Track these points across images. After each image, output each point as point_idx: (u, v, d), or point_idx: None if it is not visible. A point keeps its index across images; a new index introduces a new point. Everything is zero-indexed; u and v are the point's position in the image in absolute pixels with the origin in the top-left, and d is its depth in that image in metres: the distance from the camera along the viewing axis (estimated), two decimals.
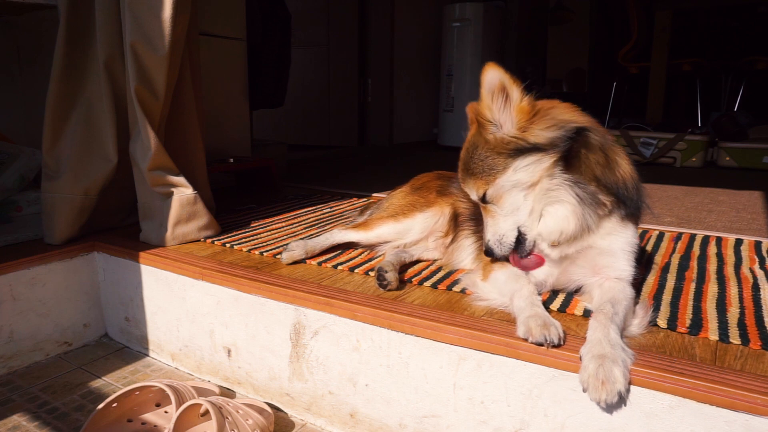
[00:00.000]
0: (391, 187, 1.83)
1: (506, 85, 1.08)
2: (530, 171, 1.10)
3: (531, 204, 1.13)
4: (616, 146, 1.17)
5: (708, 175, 3.72)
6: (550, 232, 1.13)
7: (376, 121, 5.54)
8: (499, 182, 1.13)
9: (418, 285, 1.40)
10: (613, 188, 1.12)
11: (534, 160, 1.09)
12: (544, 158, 1.09)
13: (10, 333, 1.60)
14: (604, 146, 1.13)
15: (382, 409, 1.26)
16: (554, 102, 1.17)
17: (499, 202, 1.16)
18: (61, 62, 1.74)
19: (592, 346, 0.96)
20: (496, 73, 1.07)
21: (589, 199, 1.10)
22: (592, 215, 1.11)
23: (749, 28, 6.63)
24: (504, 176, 1.12)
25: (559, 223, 1.11)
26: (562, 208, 1.11)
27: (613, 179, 1.13)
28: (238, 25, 2.76)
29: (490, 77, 1.08)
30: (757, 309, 1.20)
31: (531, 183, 1.11)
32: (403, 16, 5.47)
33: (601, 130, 1.15)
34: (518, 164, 1.10)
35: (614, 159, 1.14)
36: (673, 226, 2.08)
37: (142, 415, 1.29)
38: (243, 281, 1.44)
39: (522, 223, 1.15)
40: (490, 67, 1.07)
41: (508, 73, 1.07)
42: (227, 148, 2.80)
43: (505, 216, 1.16)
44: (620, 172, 1.14)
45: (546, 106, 1.13)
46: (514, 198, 1.14)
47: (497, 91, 1.09)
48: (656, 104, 5.20)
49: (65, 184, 1.75)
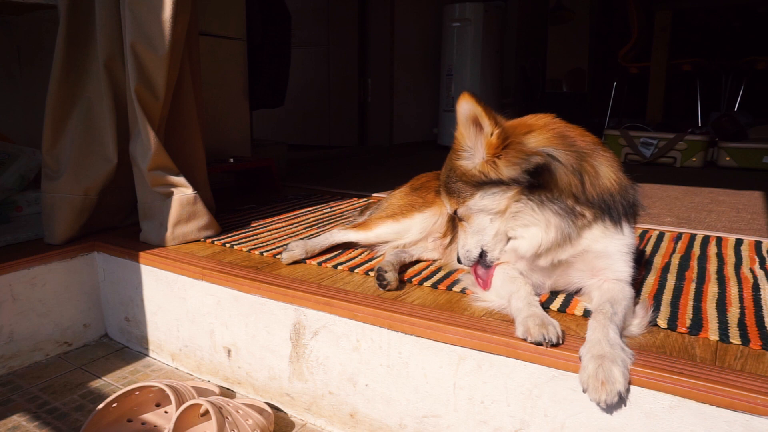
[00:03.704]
0: (391, 187, 1.83)
1: (478, 117, 1.10)
2: (495, 200, 1.14)
3: (497, 227, 1.18)
4: (599, 156, 1.16)
5: (708, 175, 3.72)
6: (525, 251, 1.16)
7: (376, 121, 5.54)
8: (468, 204, 1.18)
9: (418, 285, 1.40)
10: (596, 200, 1.13)
11: (498, 190, 1.13)
12: (509, 190, 1.12)
13: (10, 333, 1.60)
14: (577, 168, 1.12)
15: (382, 409, 1.26)
16: (530, 124, 1.16)
17: (468, 221, 1.22)
18: (61, 62, 1.74)
19: (592, 346, 0.96)
20: (469, 105, 1.09)
21: (568, 210, 1.11)
22: (570, 224, 1.12)
23: (749, 28, 6.63)
24: (472, 201, 1.17)
25: (533, 240, 1.14)
26: (535, 229, 1.13)
27: (593, 192, 1.13)
28: (238, 25, 2.76)
29: (463, 108, 1.10)
30: (757, 309, 1.20)
31: (497, 210, 1.15)
32: (403, 16, 5.47)
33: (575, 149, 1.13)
34: (484, 193, 1.15)
35: (593, 173, 1.13)
36: (673, 226, 2.08)
37: (142, 415, 1.29)
38: (243, 281, 1.44)
39: (485, 243, 1.21)
40: (464, 98, 1.09)
41: (481, 105, 1.09)
42: (227, 148, 2.80)
43: (471, 234, 1.22)
44: (603, 184, 1.14)
45: (518, 133, 1.13)
46: (481, 220, 1.19)
47: (470, 122, 1.11)
48: (656, 104, 5.20)
49: (65, 184, 1.75)
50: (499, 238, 1.19)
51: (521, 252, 1.17)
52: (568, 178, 1.11)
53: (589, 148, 1.16)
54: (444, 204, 1.58)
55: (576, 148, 1.14)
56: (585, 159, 1.14)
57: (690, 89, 5.43)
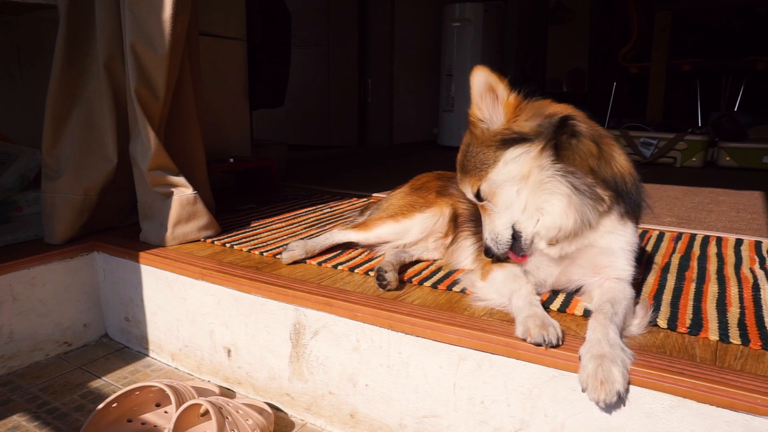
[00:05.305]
0: (391, 187, 1.83)
1: (493, 84, 1.12)
2: (520, 162, 1.11)
3: (525, 199, 1.13)
4: (611, 141, 1.18)
5: (708, 175, 3.72)
6: (548, 229, 1.12)
7: (376, 121, 5.54)
8: (492, 176, 1.14)
9: (418, 285, 1.40)
10: (611, 182, 1.12)
11: (522, 150, 1.11)
12: (532, 147, 1.10)
13: (10, 333, 1.60)
14: (595, 137, 1.13)
15: (382, 409, 1.26)
16: (545, 101, 1.18)
17: (493, 199, 1.17)
18: (61, 62, 1.74)
19: (591, 346, 0.96)
20: (483, 74, 1.11)
21: (587, 191, 1.10)
22: (591, 210, 1.11)
23: (749, 28, 6.63)
24: (495, 169, 1.13)
25: (557, 219, 1.11)
26: (558, 201, 1.10)
27: (609, 172, 1.13)
28: (238, 25, 2.76)
29: (477, 79, 1.12)
30: (757, 309, 1.20)
31: (522, 175, 1.12)
32: (403, 16, 5.47)
33: (591, 123, 1.16)
34: (508, 156, 1.12)
35: (609, 152, 1.14)
36: (673, 226, 2.08)
37: (142, 415, 1.29)
38: (243, 281, 1.44)
39: (516, 220, 1.15)
40: (478, 69, 1.12)
41: (495, 73, 1.11)
42: (227, 148, 2.80)
43: (499, 213, 1.17)
44: (617, 167, 1.14)
45: (534, 103, 1.15)
46: (507, 193, 1.14)
47: (485, 91, 1.13)
48: (656, 104, 5.20)
49: (65, 184, 1.75)
50: (529, 213, 1.14)
51: (543, 230, 1.13)
52: (588, 145, 1.11)
53: (604, 132, 1.18)
54: (444, 205, 1.60)
55: (592, 125, 1.16)
56: (601, 138, 1.15)
57: (690, 89, 5.43)
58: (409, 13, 5.59)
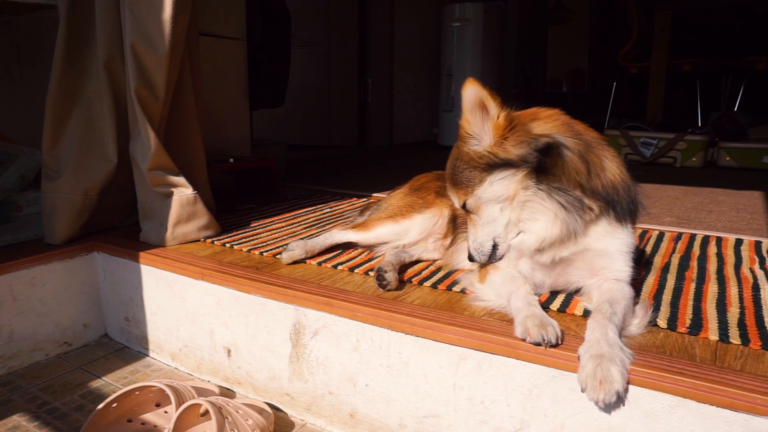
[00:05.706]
0: (391, 187, 1.83)
1: (484, 100, 1.10)
2: (504, 185, 1.13)
3: (507, 216, 1.16)
4: (603, 149, 1.17)
5: (708, 175, 3.72)
6: (530, 244, 1.15)
7: (376, 121, 5.54)
8: (477, 194, 1.16)
9: (418, 285, 1.40)
10: (601, 193, 1.13)
11: (507, 174, 1.12)
12: (517, 172, 1.12)
13: (10, 333, 1.60)
14: (584, 153, 1.12)
15: (382, 409, 1.26)
16: (536, 112, 1.17)
17: (478, 212, 1.20)
18: (61, 62, 1.74)
19: (590, 346, 0.96)
20: (475, 89, 1.10)
21: (575, 203, 1.11)
22: (577, 220, 1.12)
23: (749, 28, 6.63)
24: (481, 188, 1.15)
25: (539, 233, 1.13)
26: (543, 217, 1.12)
27: (599, 184, 1.13)
28: (238, 25, 2.76)
29: (469, 93, 1.11)
30: (757, 309, 1.20)
31: (507, 196, 1.14)
32: (403, 16, 5.47)
33: (581, 138, 1.14)
34: (493, 178, 1.14)
35: (599, 164, 1.14)
36: (673, 226, 2.08)
37: (142, 415, 1.29)
38: (243, 281, 1.44)
39: (497, 235, 1.19)
40: (470, 83, 1.11)
41: (486, 89, 1.10)
42: (227, 148, 2.80)
43: (483, 226, 1.20)
44: (607, 178, 1.14)
45: (524, 119, 1.14)
46: (491, 210, 1.17)
47: (476, 106, 1.12)
48: (656, 104, 5.20)
49: (65, 184, 1.75)
50: (510, 228, 1.17)
51: (527, 244, 1.16)
52: (575, 165, 1.11)
53: (595, 142, 1.17)
54: (443, 206, 1.60)
55: (582, 138, 1.15)
56: (591, 150, 1.14)
57: (690, 89, 5.42)
58: (409, 13, 5.59)
